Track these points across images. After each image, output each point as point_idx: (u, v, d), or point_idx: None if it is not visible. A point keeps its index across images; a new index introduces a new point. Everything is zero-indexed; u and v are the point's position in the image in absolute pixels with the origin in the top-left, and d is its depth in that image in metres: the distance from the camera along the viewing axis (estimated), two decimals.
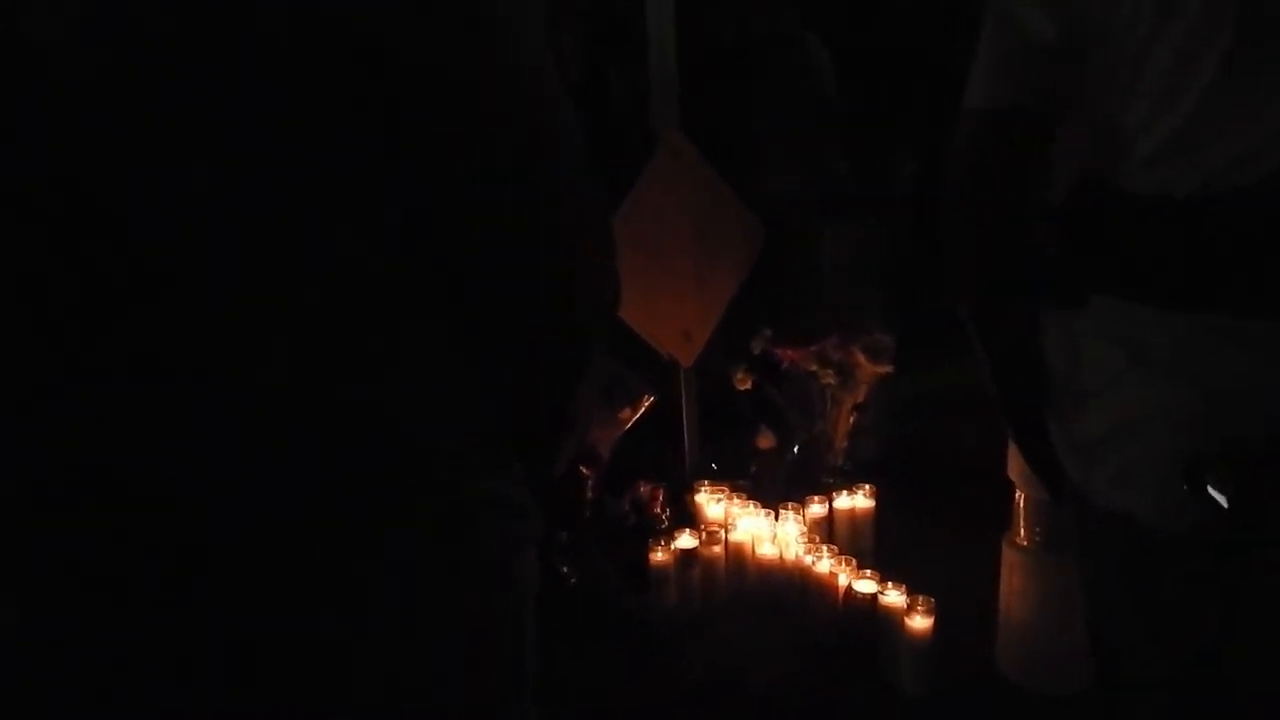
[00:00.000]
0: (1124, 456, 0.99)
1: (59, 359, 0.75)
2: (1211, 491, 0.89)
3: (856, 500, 2.45)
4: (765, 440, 2.71)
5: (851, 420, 2.62)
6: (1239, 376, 0.91)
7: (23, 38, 0.69)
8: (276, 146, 0.73)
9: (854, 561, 2.17)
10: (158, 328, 0.74)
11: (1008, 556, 2.06)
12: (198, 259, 0.73)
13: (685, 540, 2.30)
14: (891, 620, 2.04)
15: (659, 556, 2.26)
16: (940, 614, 1.99)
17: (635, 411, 2.41)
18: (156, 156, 0.71)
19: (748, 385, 2.65)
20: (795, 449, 2.69)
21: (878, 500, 2.46)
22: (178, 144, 0.71)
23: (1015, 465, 1.98)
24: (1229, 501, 0.88)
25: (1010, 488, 2.04)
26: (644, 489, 2.48)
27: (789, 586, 2.27)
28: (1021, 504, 2.02)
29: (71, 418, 0.75)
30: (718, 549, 2.31)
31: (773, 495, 2.47)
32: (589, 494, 2.36)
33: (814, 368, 2.53)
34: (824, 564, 2.19)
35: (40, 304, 0.74)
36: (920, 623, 1.99)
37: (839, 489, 2.47)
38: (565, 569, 2.28)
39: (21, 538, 0.77)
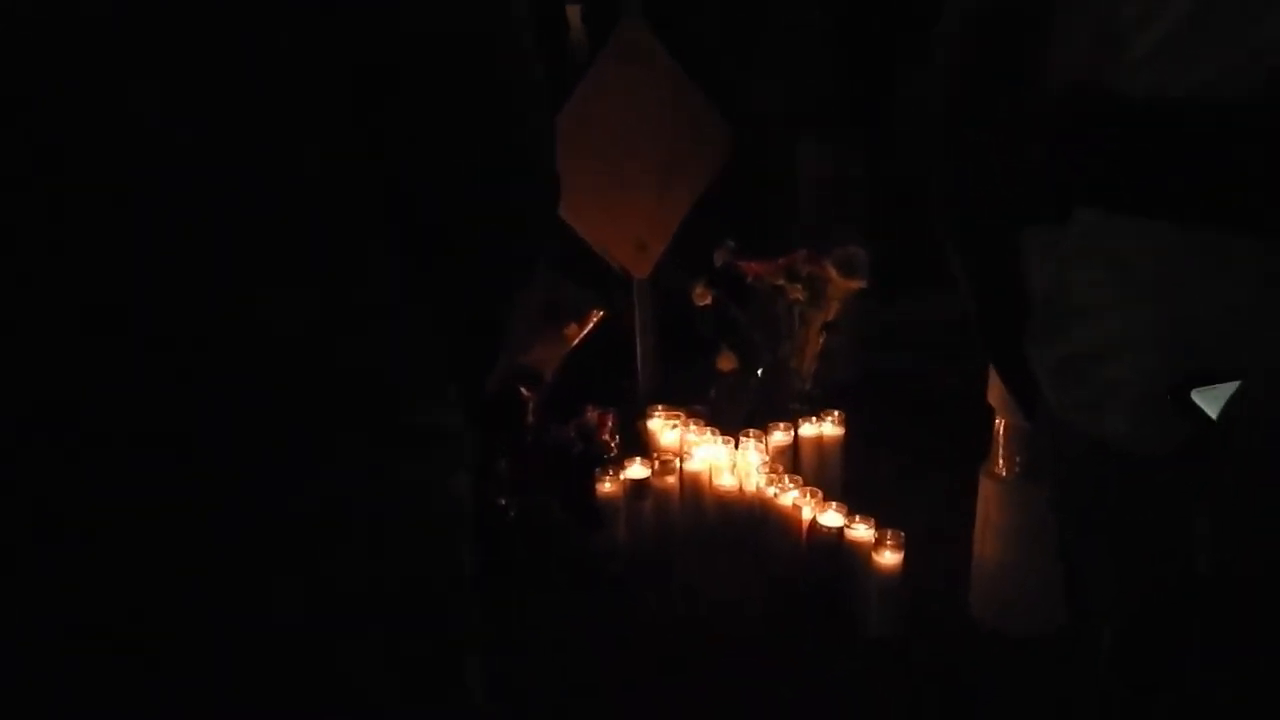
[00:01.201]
0: (1102, 378, 1.04)
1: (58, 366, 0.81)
2: (1196, 404, 0.95)
3: (824, 428, 2.49)
4: (726, 362, 2.74)
5: (821, 341, 2.64)
6: (1223, 297, 0.96)
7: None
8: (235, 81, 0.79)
9: (819, 494, 2.23)
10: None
11: (984, 488, 2.13)
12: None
13: (636, 470, 2.34)
14: (858, 556, 2.10)
15: (607, 487, 2.30)
16: (910, 552, 2.06)
17: (582, 328, 2.42)
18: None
19: (708, 301, 2.66)
20: (759, 372, 2.73)
21: (847, 429, 2.50)
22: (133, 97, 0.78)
23: (995, 390, 2.03)
24: (1209, 420, 0.94)
25: (990, 414, 2.09)
26: (591, 414, 2.49)
27: (749, 520, 2.32)
28: (1001, 431, 2.08)
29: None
30: (671, 480, 2.35)
31: (733, 421, 2.50)
32: (530, 419, 2.39)
33: (781, 282, 2.55)
34: (787, 496, 2.24)
35: (36, 315, 0.80)
36: (889, 559, 2.05)
37: (805, 416, 2.51)
38: (504, 501, 2.32)
39: (21, 538, 0.82)
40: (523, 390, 2.37)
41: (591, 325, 2.44)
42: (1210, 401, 0.95)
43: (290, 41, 0.80)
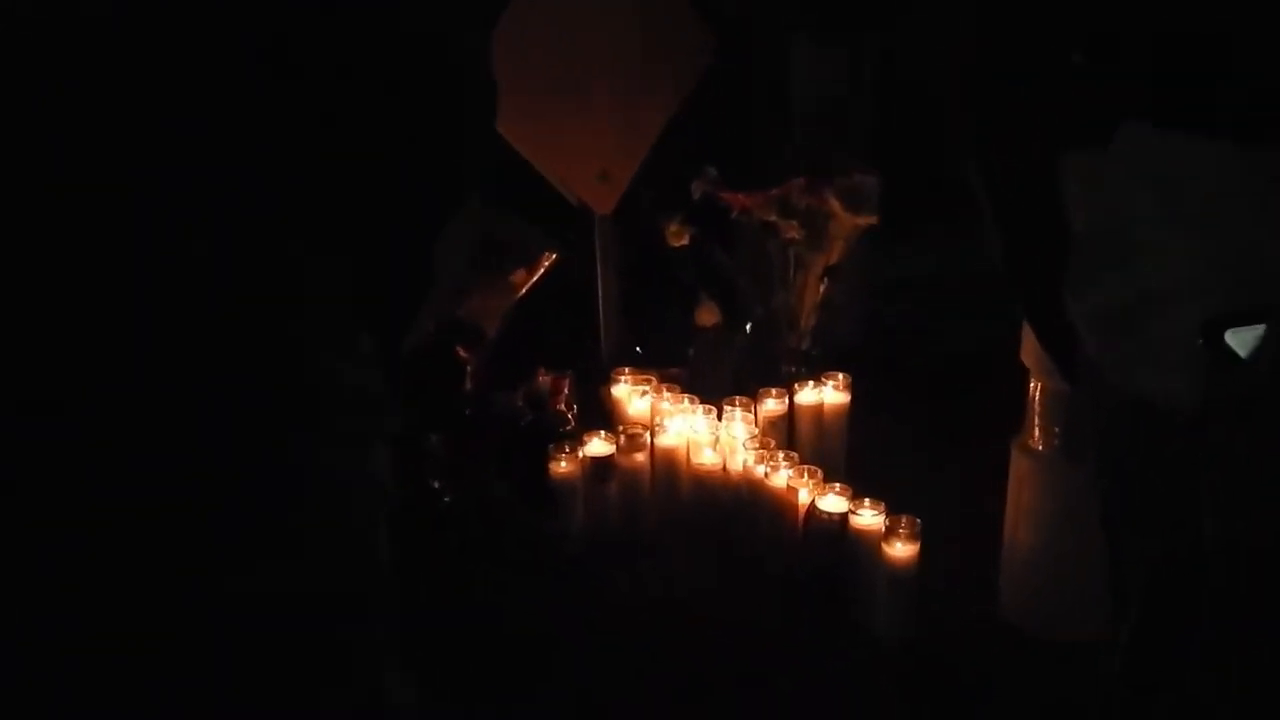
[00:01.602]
0: (1152, 328, 1.07)
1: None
2: (1230, 344, 0.99)
3: (825, 394, 2.49)
4: (707, 315, 2.73)
5: (822, 290, 2.63)
6: None
7: None
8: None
9: (819, 473, 2.23)
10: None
11: (1017, 465, 2.14)
12: None
13: (598, 445, 2.34)
14: (865, 547, 2.11)
15: (563, 467, 2.29)
16: (928, 541, 2.07)
17: (532, 274, 2.41)
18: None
19: (684, 241, 2.65)
20: (747, 327, 2.71)
21: (853, 396, 2.49)
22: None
23: (1029, 348, 2.03)
24: (1246, 358, 0.98)
25: (1023, 378, 2.10)
26: (544, 378, 2.49)
27: (735, 505, 2.33)
28: (1036, 397, 2.09)
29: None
30: (641, 457, 2.35)
31: (716, 388, 2.50)
32: (469, 384, 2.38)
33: (773, 218, 2.53)
34: (781, 476, 2.24)
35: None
36: (901, 551, 2.06)
37: (803, 380, 2.51)
38: (438, 484, 2.31)
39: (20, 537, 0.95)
40: (459, 349, 2.35)
41: (543, 271, 2.42)
42: (1242, 346, 0.99)
43: (289, 41, 0.92)
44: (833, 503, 2.17)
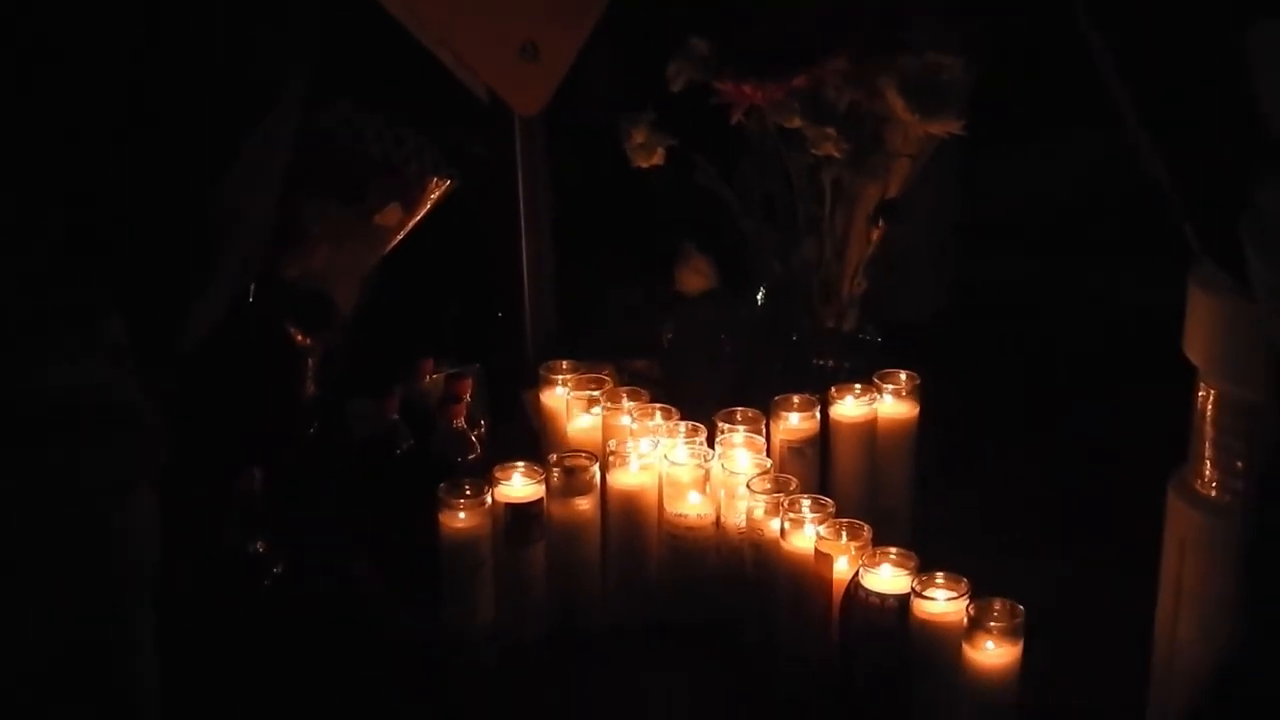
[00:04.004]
0: None
1: None
2: None
3: (879, 405, 2.53)
4: (693, 276, 2.77)
5: (875, 237, 2.64)
6: None
7: None
8: None
9: (867, 531, 2.23)
10: None
11: (1178, 518, 2.12)
12: None
13: (519, 485, 2.35)
14: (938, 649, 2.11)
15: (460, 520, 2.29)
16: (1035, 641, 2.06)
17: (413, 210, 2.42)
18: None
19: (656, 160, 2.64)
20: (758, 296, 2.74)
21: (923, 407, 2.52)
22: None
23: (1199, 332, 2.02)
24: None
25: (1188, 380, 2.08)
26: (432, 378, 2.50)
27: (734, 581, 2.36)
28: (1208, 411, 2.07)
29: None
30: (586, 505, 2.37)
31: (705, 391, 2.56)
32: (309, 389, 2.40)
33: (798, 123, 2.53)
34: (806, 535, 2.25)
35: None
36: (994, 654, 2.06)
37: (844, 384, 2.54)
38: (260, 547, 2.32)
39: None
40: (294, 332, 2.37)
41: (430, 204, 2.43)
42: None
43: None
44: (888, 578, 2.17)
